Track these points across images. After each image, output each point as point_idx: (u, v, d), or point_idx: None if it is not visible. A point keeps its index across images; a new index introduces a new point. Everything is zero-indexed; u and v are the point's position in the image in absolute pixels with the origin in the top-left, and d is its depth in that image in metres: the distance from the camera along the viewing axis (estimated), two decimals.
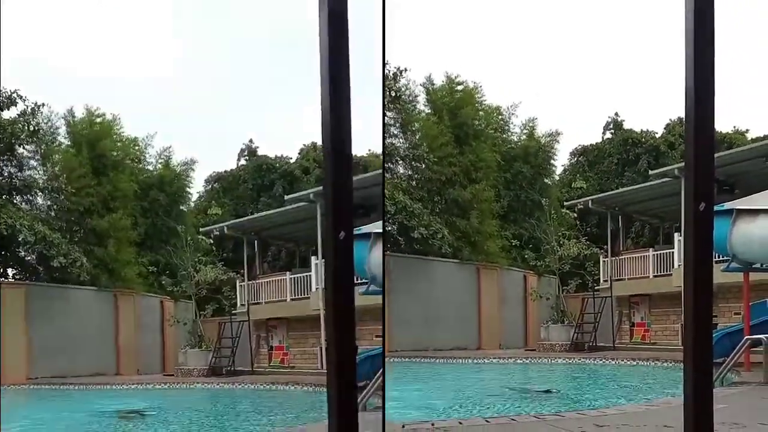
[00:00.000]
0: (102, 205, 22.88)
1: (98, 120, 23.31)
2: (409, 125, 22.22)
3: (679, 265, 20.81)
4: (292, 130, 24.43)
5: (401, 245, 20.97)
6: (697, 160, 3.94)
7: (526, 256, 23.71)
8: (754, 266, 16.98)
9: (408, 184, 22.18)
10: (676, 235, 22.09)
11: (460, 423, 10.93)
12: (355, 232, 17.63)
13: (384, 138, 21.30)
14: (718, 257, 17.17)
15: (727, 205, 17.11)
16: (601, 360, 21.18)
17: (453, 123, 22.67)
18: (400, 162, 22.12)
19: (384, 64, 19.37)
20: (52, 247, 21.54)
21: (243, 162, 26.76)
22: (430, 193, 22.23)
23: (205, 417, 17.26)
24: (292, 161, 26.41)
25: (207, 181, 26.46)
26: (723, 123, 23.67)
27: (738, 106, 20.83)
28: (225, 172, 26.58)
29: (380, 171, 22.18)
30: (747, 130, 25.90)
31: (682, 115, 4.18)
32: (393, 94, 21.65)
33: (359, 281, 18.49)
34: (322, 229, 18.86)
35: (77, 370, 21.57)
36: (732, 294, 18.91)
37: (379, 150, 21.41)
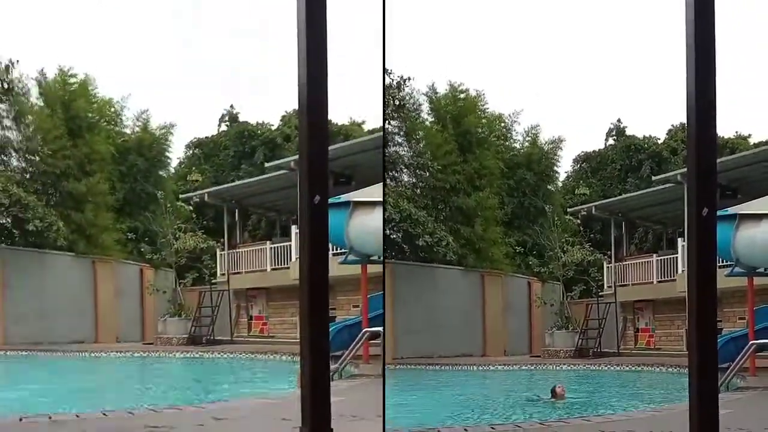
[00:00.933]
0: (78, 168, 22.15)
1: (72, 80, 22.61)
2: (413, 134, 22.24)
3: (683, 270, 20.81)
4: (274, 97, 23.58)
5: (406, 253, 20.97)
6: (699, 166, 3.97)
7: (530, 263, 23.68)
8: (758, 270, 17.00)
9: (413, 192, 22.18)
10: (679, 240, 22.08)
11: (465, 430, 10.94)
12: (334, 200, 17.66)
13: (384, 146, 21.33)
14: (722, 262, 17.17)
15: (731, 210, 17.14)
16: (606, 366, 21.17)
17: (456, 131, 22.67)
18: (405, 170, 22.13)
19: (384, 71, 19.39)
20: (28, 210, 20.94)
21: (224, 128, 26.36)
22: (435, 201, 22.23)
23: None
24: (273, 128, 26.06)
25: (187, 147, 25.82)
26: (725, 128, 23.64)
27: (740, 110, 20.81)
28: (206, 138, 26.16)
29: (361, 139, 21.94)
30: (749, 135, 25.87)
31: (684, 120, 4.20)
32: (397, 102, 21.68)
33: (339, 251, 18.33)
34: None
35: (54, 337, 21.09)
36: (736, 299, 18.91)
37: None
